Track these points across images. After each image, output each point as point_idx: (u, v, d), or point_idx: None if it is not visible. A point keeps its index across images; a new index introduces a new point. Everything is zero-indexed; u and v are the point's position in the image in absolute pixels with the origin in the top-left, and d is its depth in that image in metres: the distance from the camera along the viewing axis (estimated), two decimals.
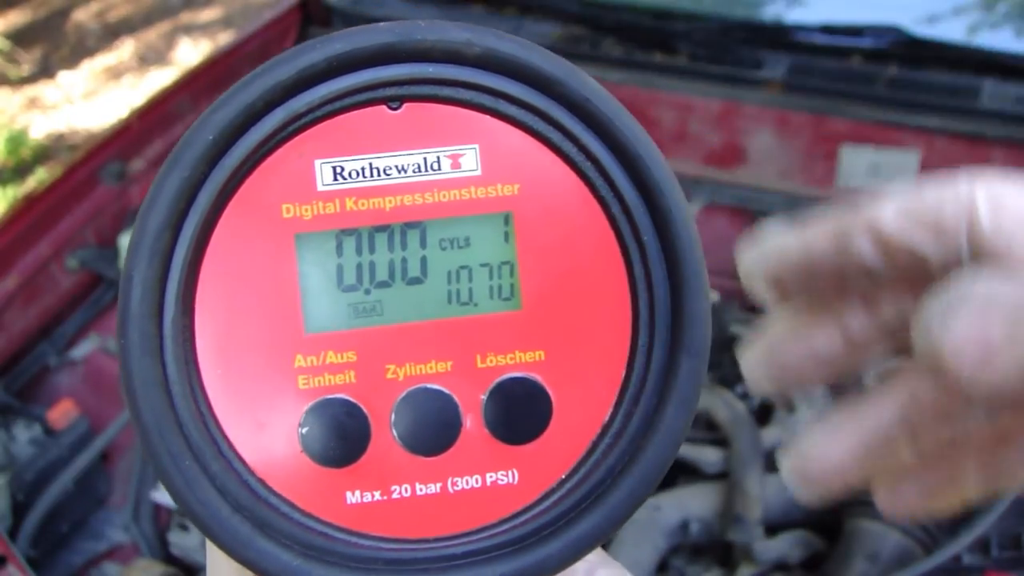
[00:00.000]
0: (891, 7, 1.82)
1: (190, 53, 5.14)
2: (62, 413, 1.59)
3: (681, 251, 0.23)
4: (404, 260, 0.22)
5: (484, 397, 0.23)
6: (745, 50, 1.79)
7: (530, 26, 1.98)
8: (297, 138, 0.21)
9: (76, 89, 5.06)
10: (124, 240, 1.73)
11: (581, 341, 0.23)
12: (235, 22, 5.45)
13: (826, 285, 0.29)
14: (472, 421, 0.22)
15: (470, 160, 0.22)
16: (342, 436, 0.22)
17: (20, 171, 4.33)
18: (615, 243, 0.23)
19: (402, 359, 0.22)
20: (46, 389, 1.74)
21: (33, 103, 4.97)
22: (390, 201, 0.22)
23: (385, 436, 0.22)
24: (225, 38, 4.75)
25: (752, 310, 1.54)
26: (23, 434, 1.56)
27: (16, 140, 4.40)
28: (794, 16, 1.98)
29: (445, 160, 0.22)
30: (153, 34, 5.52)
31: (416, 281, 0.23)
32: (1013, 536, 1.27)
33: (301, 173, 0.22)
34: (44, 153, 4.47)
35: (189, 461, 0.20)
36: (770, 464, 1.27)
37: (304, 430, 0.22)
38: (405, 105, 0.22)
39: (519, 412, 0.22)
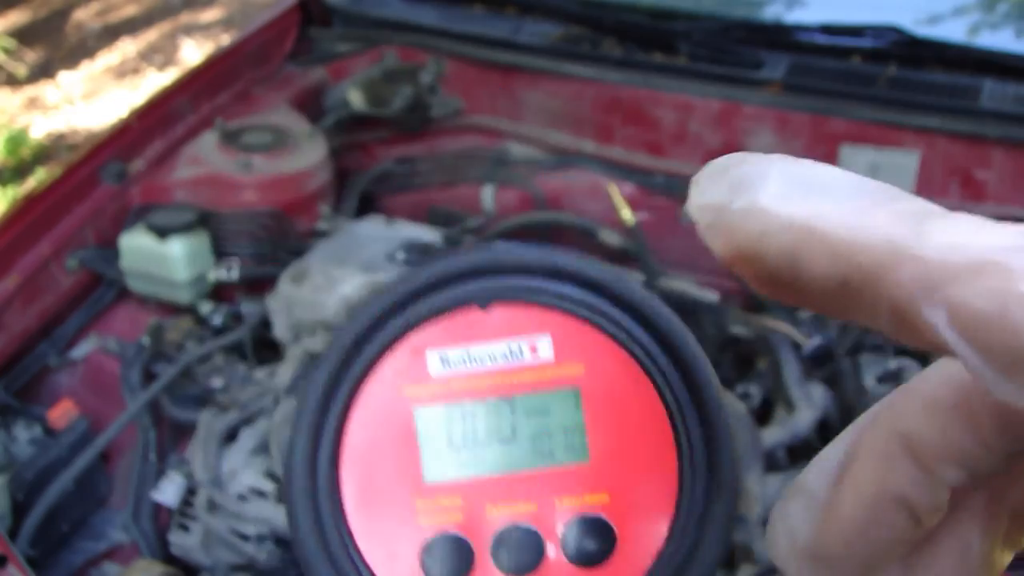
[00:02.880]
0: (891, 7, 1.82)
1: (190, 53, 5.13)
2: (62, 413, 1.59)
3: (712, 417, 0.29)
4: (498, 426, 0.30)
5: (562, 531, 0.30)
6: (745, 50, 1.79)
7: (530, 26, 1.98)
8: (412, 335, 0.30)
9: (76, 89, 5.05)
10: (125, 240, 1.73)
11: (637, 486, 0.30)
12: (235, 22, 5.45)
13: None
14: (553, 550, 0.30)
15: (545, 347, 0.30)
16: (453, 563, 0.29)
17: (20, 171, 4.33)
18: (662, 409, 0.30)
19: (497, 502, 0.30)
20: (46, 389, 1.74)
21: (33, 103, 4.97)
22: (485, 380, 0.30)
23: (486, 562, 0.30)
24: (225, 38, 4.75)
25: (752, 310, 1.55)
26: (23, 434, 1.56)
27: (16, 140, 4.40)
28: (794, 16, 1.98)
29: (526, 347, 0.30)
30: (153, 34, 5.51)
31: (508, 441, 0.30)
32: None
33: (416, 362, 0.30)
34: (44, 153, 4.47)
35: None
36: (770, 464, 1.28)
37: (425, 558, 0.30)
38: (493, 306, 0.30)
39: (590, 542, 0.30)
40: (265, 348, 1.74)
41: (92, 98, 4.96)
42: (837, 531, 0.24)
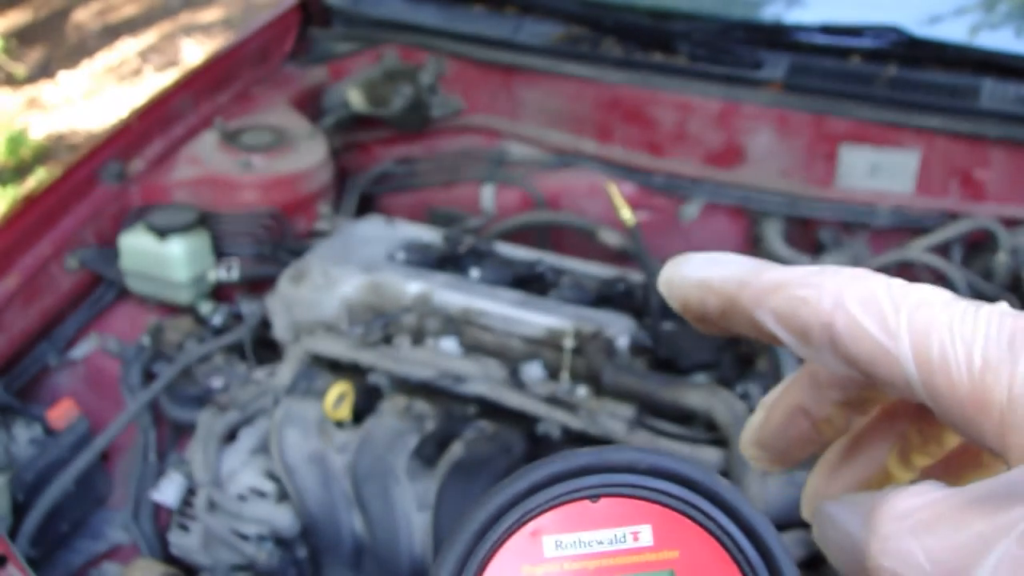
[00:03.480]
0: (891, 7, 1.82)
1: (190, 53, 5.13)
2: (62, 413, 1.59)
3: None
4: None
5: None
6: (745, 50, 1.79)
7: (530, 26, 1.98)
8: (531, 522, 0.34)
9: (76, 89, 5.06)
10: (125, 240, 1.73)
11: None
12: (235, 22, 5.45)
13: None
14: None
15: (645, 535, 0.34)
16: None
17: (20, 171, 4.33)
18: None
19: None
20: (46, 389, 1.74)
21: (33, 103, 4.97)
22: (592, 562, 0.34)
23: None
24: (225, 38, 4.75)
25: None
26: (23, 434, 1.56)
27: (16, 140, 4.39)
28: (794, 16, 1.98)
29: (629, 535, 0.34)
30: (153, 34, 5.51)
31: None
32: None
33: (534, 545, 0.34)
34: (44, 153, 4.47)
35: None
36: None
37: None
38: (601, 499, 0.34)
39: None
40: (265, 348, 1.74)
41: (92, 98, 4.96)
42: (769, 428, 0.38)
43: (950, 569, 0.27)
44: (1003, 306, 0.29)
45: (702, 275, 0.34)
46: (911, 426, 0.37)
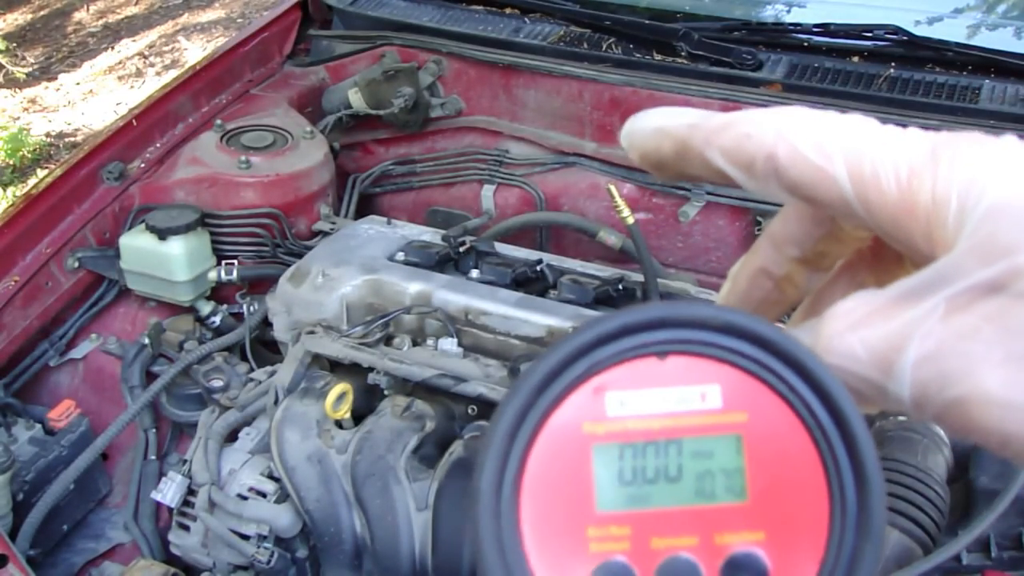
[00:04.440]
0: (891, 7, 1.82)
1: (190, 53, 5.13)
2: (62, 413, 1.59)
3: (865, 465, 0.32)
4: (666, 465, 0.33)
5: (721, 564, 0.32)
6: (745, 50, 1.79)
7: (530, 26, 1.98)
8: (594, 378, 0.33)
9: (76, 89, 5.05)
10: (125, 240, 1.73)
11: (791, 528, 0.32)
12: (235, 22, 5.45)
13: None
14: None
15: (714, 396, 0.33)
16: None
17: (20, 171, 4.32)
18: (817, 457, 0.32)
19: (662, 534, 0.32)
20: (46, 389, 1.74)
21: (33, 103, 4.97)
22: (657, 422, 0.33)
23: None
24: (225, 38, 4.75)
25: None
26: (23, 434, 1.56)
27: (16, 140, 4.39)
28: (794, 16, 1.98)
29: (696, 396, 0.33)
30: (153, 34, 5.51)
31: (674, 480, 0.33)
32: (1013, 536, 1.27)
33: (596, 402, 0.33)
34: (44, 153, 4.47)
35: None
36: None
37: None
38: (669, 356, 0.33)
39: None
40: (265, 348, 1.74)
41: (92, 98, 4.95)
42: (735, 294, 0.41)
43: (884, 353, 0.30)
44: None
45: (657, 123, 0.37)
46: (868, 276, 0.39)
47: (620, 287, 1.50)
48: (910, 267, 0.33)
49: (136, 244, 1.72)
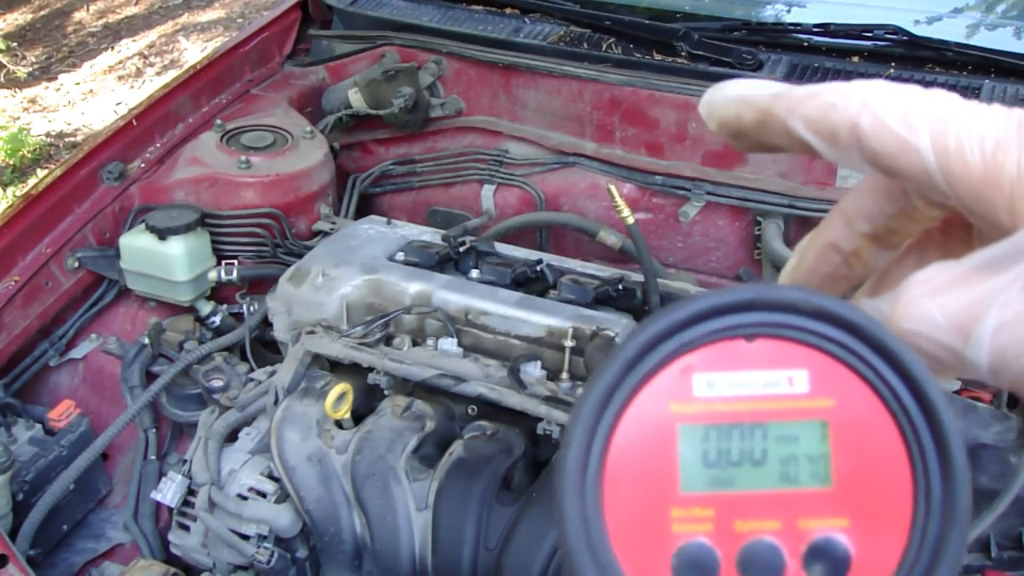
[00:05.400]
0: (891, 7, 1.82)
1: (190, 53, 5.13)
2: (62, 413, 1.59)
3: (951, 453, 0.32)
4: (751, 448, 0.33)
5: (804, 549, 0.32)
6: (745, 50, 1.79)
7: (530, 26, 1.98)
8: (682, 358, 0.33)
9: (76, 89, 5.05)
10: (125, 240, 1.73)
11: (874, 514, 0.32)
12: (235, 22, 5.45)
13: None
14: (794, 566, 0.32)
15: (801, 380, 0.33)
16: (700, 569, 0.32)
17: (20, 171, 4.32)
18: (902, 443, 0.32)
19: (745, 517, 0.32)
20: (46, 389, 1.74)
21: (33, 103, 4.97)
22: (743, 405, 0.33)
23: (730, 571, 0.32)
24: (225, 38, 4.75)
25: None
26: (23, 434, 1.56)
27: (16, 140, 4.39)
28: (794, 16, 1.98)
29: (783, 380, 0.33)
30: (153, 34, 5.51)
31: (758, 464, 0.33)
32: (1013, 536, 1.27)
33: (683, 383, 0.33)
34: (44, 153, 4.47)
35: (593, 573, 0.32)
36: None
37: (675, 562, 0.32)
38: (757, 339, 0.33)
39: (828, 561, 0.32)
40: (265, 348, 1.74)
41: (92, 98, 4.95)
42: (803, 267, 0.41)
43: (962, 321, 0.30)
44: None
45: (739, 92, 0.37)
46: (936, 256, 0.39)
47: (620, 287, 1.50)
48: (978, 247, 0.32)
49: (136, 244, 1.72)
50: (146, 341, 1.70)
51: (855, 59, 1.77)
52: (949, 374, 0.32)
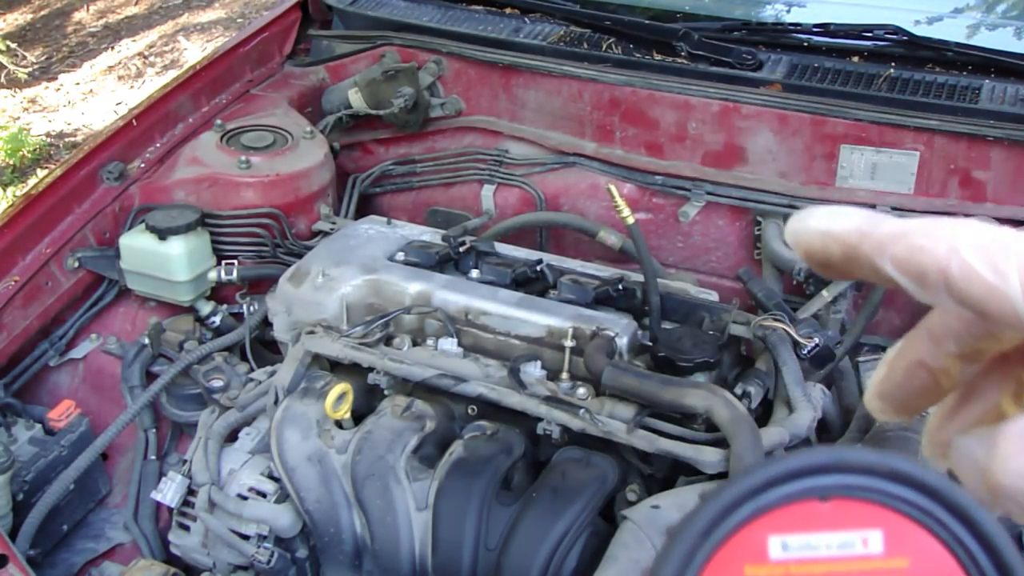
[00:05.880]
0: (891, 7, 1.82)
1: (190, 53, 5.13)
2: (62, 413, 1.59)
3: None
4: None
5: None
6: (745, 50, 1.79)
7: (530, 26, 1.98)
8: (758, 520, 0.33)
9: (76, 89, 5.05)
10: (125, 240, 1.73)
11: None
12: (235, 22, 5.45)
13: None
14: None
15: (875, 541, 0.33)
16: None
17: (20, 171, 4.32)
18: None
19: None
20: (46, 389, 1.74)
21: (33, 103, 4.97)
22: (818, 567, 0.33)
23: None
24: (225, 38, 4.75)
25: (752, 311, 1.54)
26: (23, 434, 1.56)
27: (16, 140, 4.39)
28: (794, 16, 1.98)
29: (858, 540, 0.33)
30: (153, 34, 5.51)
31: None
32: (1013, 536, 1.27)
33: (759, 545, 0.33)
34: (44, 153, 4.47)
35: None
36: None
37: None
38: (831, 499, 0.33)
39: None
40: (265, 348, 1.74)
41: (92, 98, 4.95)
42: (892, 382, 0.41)
43: None
44: None
45: (826, 226, 0.38)
46: (1022, 368, 0.40)
47: (620, 287, 1.50)
48: None
49: (136, 244, 1.72)
50: (146, 341, 1.70)
51: (855, 59, 1.77)
52: None
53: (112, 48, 5.37)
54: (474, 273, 1.56)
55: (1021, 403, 0.41)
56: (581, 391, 1.35)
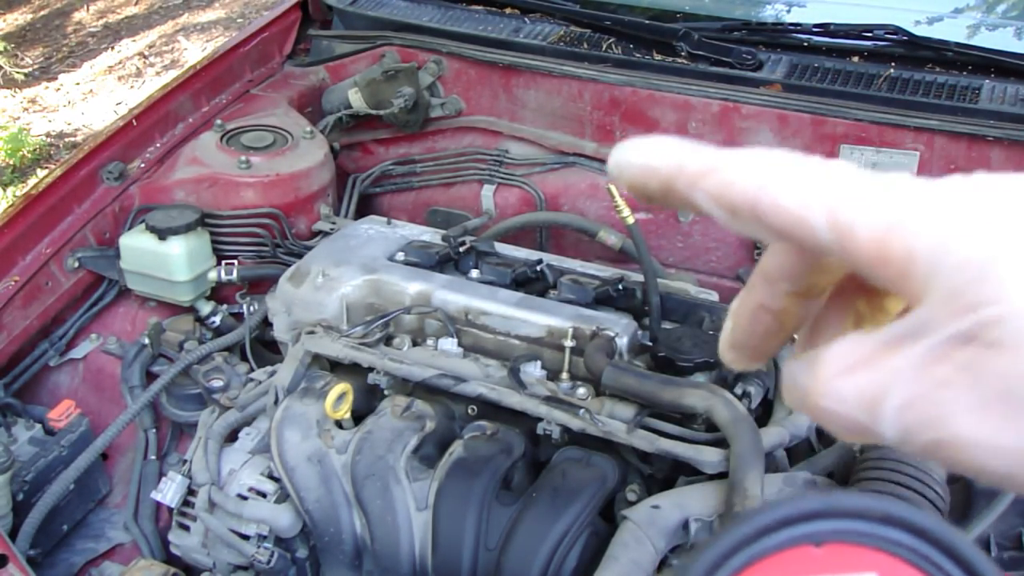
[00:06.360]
0: (891, 7, 1.82)
1: (190, 53, 5.13)
2: (62, 413, 1.59)
3: None
4: None
5: None
6: (745, 50, 1.79)
7: (530, 26, 1.98)
8: (753, 568, 0.33)
9: (76, 89, 5.05)
10: (125, 240, 1.73)
11: None
12: (235, 22, 5.45)
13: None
14: None
15: None
16: None
17: (20, 171, 4.32)
18: None
19: None
20: (46, 389, 1.74)
21: (33, 103, 4.97)
22: None
23: None
24: (225, 38, 4.75)
25: None
26: (23, 434, 1.56)
27: (16, 140, 4.39)
28: (794, 16, 1.98)
29: None
30: (153, 34, 5.51)
31: None
32: (1013, 536, 1.27)
33: None
34: (44, 153, 4.47)
35: None
36: (770, 464, 1.28)
37: None
38: (825, 545, 0.33)
39: None
40: (265, 348, 1.74)
41: (92, 98, 4.95)
42: (739, 330, 0.43)
43: (870, 399, 0.33)
44: (904, 175, 0.35)
45: (644, 160, 0.39)
46: (860, 299, 0.42)
47: (620, 287, 1.50)
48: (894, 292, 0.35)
49: (136, 244, 1.72)
50: (146, 341, 1.70)
51: (855, 59, 1.77)
52: (866, 441, 0.35)
53: (112, 48, 5.37)
54: (474, 273, 1.56)
55: (858, 322, 0.42)
56: (581, 391, 1.35)
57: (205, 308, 1.78)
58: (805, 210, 0.34)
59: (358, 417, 1.43)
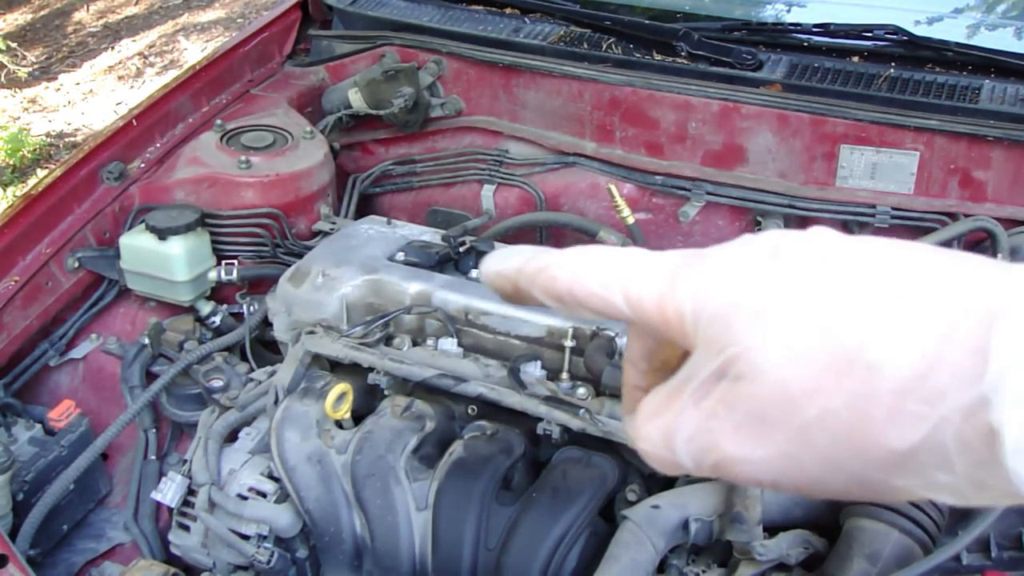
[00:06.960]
0: (891, 7, 1.82)
1: (190, 53, 5.13)
2: (62, 413, 1.59)
3: None
4: None
5: None
6: (745, 50, 1.79)
7: (530, 26, 1.98)
8: None
9: (76, 89, 5.05)
10: (125, 240, 1.73)
11: None
12: (235, 22, 5.45)
13: None
14: None
15: None
16: None
17: (20, 171, 4.32)
18: None
19: None
20: (46, 389, 1.74)
21: (33, 103, 4.97)
22: None
23: None
24: (225, 38, 4.75)
25: None
26: (23, 434, 1.56)
27: (16, 140, 4.39)
28: (794, 16, 1.98)
29: None
30: (153, 34, 5.51)
31: None
32: (1013, 536, 1.27)
33: None
34: (44, 153, 4.47)
35: None
36: None
37: None
38: None
39: None
40: (265, 348, 1.74)
41: (92, 98, 4.95)
42: (628, 405, 0.48)
43: (667, 437, 0.41)
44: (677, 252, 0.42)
45: (497, 267, 0.47)
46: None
47: None
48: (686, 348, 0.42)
49: (136, 244, 1.72)
50: (146, 341, 1.70)
51: (855, 59, 1.77)
52: (678, 473, 0.42)
53: (112, 48, 5.37)
54: (474, 273, 1.56)
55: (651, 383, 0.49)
56: (581, 391, 1.35)
57: (205, 308, 1.78)
58: (607, 292, 0.42)
59: (358, 417, 1.43)
